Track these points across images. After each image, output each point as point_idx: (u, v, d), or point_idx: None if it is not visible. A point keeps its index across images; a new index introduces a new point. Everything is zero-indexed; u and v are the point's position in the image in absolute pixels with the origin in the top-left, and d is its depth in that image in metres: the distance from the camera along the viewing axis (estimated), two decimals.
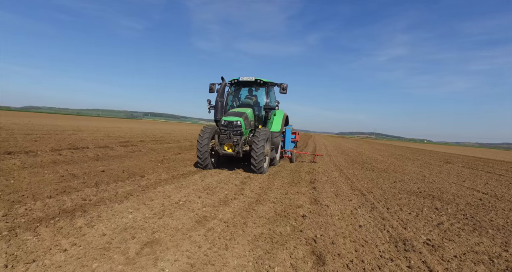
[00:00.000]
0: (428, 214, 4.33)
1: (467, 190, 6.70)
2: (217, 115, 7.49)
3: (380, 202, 4.95)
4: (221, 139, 6.88)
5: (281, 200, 4.62)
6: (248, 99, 8.57)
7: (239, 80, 8.05)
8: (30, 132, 12.75)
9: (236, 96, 8.87)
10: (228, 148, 6.77)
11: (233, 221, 3.43)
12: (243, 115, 6.97)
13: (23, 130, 13.59)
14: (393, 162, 13.12)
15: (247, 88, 8.80)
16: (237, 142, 6.70)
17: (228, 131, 6.79)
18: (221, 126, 6.93)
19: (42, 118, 34.19)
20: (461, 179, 8.76)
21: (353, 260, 2.59)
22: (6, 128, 13.52)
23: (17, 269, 2.06)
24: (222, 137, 6.88)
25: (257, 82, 7.95)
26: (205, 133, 6.82)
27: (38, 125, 18.99)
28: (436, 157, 19.45)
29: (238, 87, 8.73)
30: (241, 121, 6.77)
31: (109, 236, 2.75)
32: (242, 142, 6.75)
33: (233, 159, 8.39)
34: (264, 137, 6.64)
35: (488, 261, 2.79)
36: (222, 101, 7.55)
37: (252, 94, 8.67)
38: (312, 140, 35.66)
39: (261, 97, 8.49)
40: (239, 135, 6.75)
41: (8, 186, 4.14)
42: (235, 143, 6.69)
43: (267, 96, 8.12)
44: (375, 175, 8.28)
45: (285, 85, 7.84)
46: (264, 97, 8.18)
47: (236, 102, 8.76)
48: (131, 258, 2.35)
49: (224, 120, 6.88)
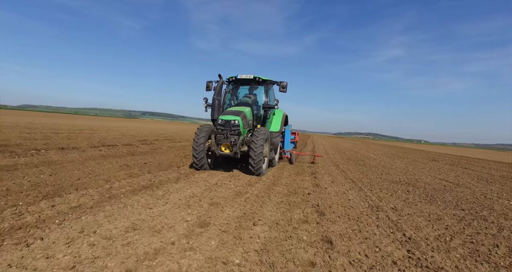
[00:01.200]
0: (400, 194, 5.91)
1: (438, 180, 8.32)
2: (214, 114, 7.18)
3: (366, 187, 6.52)
4: (218, 139, 6.68)
5: (290, 184, 6.16)
6: (247, 97, 8.34)
7: (237, 77, 7.87)
8: (55, 131, 14.14)
9: (234, 94, 8.66)
10: (225, 148, 6.59)
11: (260, 194, 4.97)
12: (241, 114, 6.79)
13: (48, 129, 14.97)
14: (384, 159, 14.76)
15: (245, 87, 8.65)
16: (235, 142, 6.52)
17: (225, 131, 6.61)
18: (218, 125, 6.73)
19: (47, 118, 35.30)
20: (438, 173, 10.39)
21: (342, 214, 4.13)
22: (32, 128, 14.90)
23: (146, 212, 3.58)
24: (219, 137, 6.68)
25: (255, 80, 7.81)
26: (201, 132, 6.69)
27: (54, 124, 20.32)
28: (425, 156, 21.15)
29: (236, 85, 8.56)
30: (239, 120, 6.59)
31: (184, 200, 4.27)
32: (240, 142, 6.57)
33: (231, 160, 8.17)
34: (263, 137, 6.51)
35: (428, 216, 4.36)
36: (219, 100, 7.23)
37: (251, 92, 8.52)
38: (311, 140, 37.27)
39: (260, 96, 8.32)
40: (236, 135, 6.59)
41: (90, 172, 5.63)
42: (233, 143, 6.53)
43: (266, 94, 7.93)
44: (366, 169, 9.87)
45: (285, 83, 7.69)
46: (263, 96, 7.99)
47: (234, 100, 8.57)
48: (207, 208, 3.88)
49: (221, 119, 6.68)
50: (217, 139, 6.70)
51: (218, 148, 6.65)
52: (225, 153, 6.55)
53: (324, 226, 3.53)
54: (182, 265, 2.31)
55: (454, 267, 2.65)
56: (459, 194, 6.33)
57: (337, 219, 3.85)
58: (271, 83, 8.07)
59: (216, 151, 6.59)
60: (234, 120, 6.57)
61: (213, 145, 6.64)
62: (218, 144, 6.67)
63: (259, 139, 6.44)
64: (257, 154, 6.35)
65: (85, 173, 5.51)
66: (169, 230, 3.01)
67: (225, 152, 6.56)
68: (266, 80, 7.88)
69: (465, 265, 2.71)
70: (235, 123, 6.57)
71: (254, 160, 6.40)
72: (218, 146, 6.67)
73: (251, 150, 6.42)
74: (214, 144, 6.64)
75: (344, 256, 2.70)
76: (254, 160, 6.40)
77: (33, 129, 13.93)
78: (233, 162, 8.23)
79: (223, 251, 2.62)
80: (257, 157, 6.37)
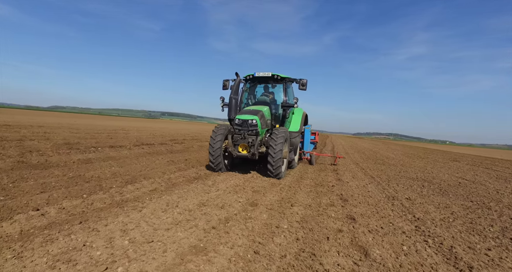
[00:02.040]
0: (415, 188, 6.66)
1: (454, 178, 8.89)
2: (231, 113, 7.03)
3: (384, 181, 7.29)
4: (235, 139, 6.55)
5: (316, 178, 7.07)
6: (265, 96, 8.18)
7: (254, 75, 7.67)
8: (96, 131, 15.76)
9: (252, 93, 8.51)
10: (243, 149, 6.44)
11: (292, 185, 5.92)
12: (259, 113, 6.63)
13: (89, 129, 16.67)
14: (403, 159, 15.23)
15: (263, 85, 8.47)
16: (253, 143, 6.36)
17: (242, 131, 6.48)
18: (235, 125, 6.60)
19: (79, 119, 37.94)
20: (456, 171, 10.87)
21: (362, 201, 5.00)
22: (75, 128, 16.65)
23: (206, 195, 4.63)
24: (236, 137, 6.56)
25: (274, 77, 7.57)
26: (217, 133, 6.54)
27: (89, 125, 22.25)
28: (447, 156, 21.19)
29: (253, 83, 8.38)
30: (257, 119, 6.42)
31: (231, 188, 5.30)
32: (258, 143, 6.41)
33: (248, 161, 8.12)
34: (282, 138, 6.30)
35: (437, 205, 5.13)
36: (236, 99, 7.08)
37: (269, 90, 8.36)
38: (330, 140, 37.66)
39: (279, 94, 8.16)
40: (254, 135, 6.43)
41: (147, 166, 6.81)
42: (250, 144, 6.37)
43: (285, 93, 7.74)
44: (384, 167, 10.55)
45: (305, 80, 7.38)
46: (282, 94, 7.83)
47: (251, 99, 8.43)
48: (251, 194, 4.90)
49: (238, 119, 6.54)
50: (234, 140, 6.57)
51: (235, 149, 6.51)
52: (243, 154, 6.39)
53: (347, 208, 4.43)
54: (248, 226, 3.31)
55: (451, 236, 3.48)
56: (472, 189, 6.97)
57: (358, 204, 4.73)
58: (290, 81, 7.86)
59: (233, 152, 6.45)
60: (252, 120, 6.40)
61: (230, 145, 6.49)
62: (235, 145, 6.53)
63: (278, 140, 6.22)
64: (276, 155, 6.14)
65: (143, 167, 6.69)
66: (229, 207, 4.04)
67: (242, 153, 6.40)
68: (284, 77, 7.65)
69: (460, 236, 3.53)
70: (252, 122, 6.40)
71: (273, 162, 6.18)
72: (235, 147, 6.53)
73: (270, 151, 6.20)
74: (231, 145, 6.49)
75: (364, 227, 3.60)
76: (273, 162, 6.18)
77: (77, 130, 15.62)
78: (250, 163, 8.20)
79: (274, 220, 3.61)
80: (276, 158, 6.16)
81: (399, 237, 3.35)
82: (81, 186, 4.48)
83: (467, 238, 3.45)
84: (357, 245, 2.97)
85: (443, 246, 3.14)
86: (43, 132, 11.37)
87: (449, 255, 2.91)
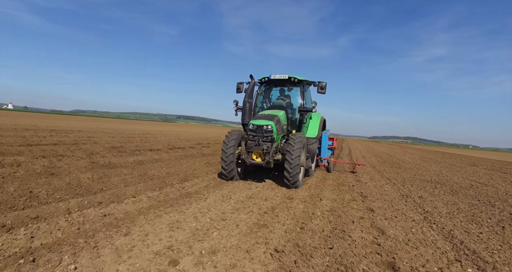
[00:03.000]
0: (428, 189, 7.49)
1: (467, 181, 9.59)
2: (244, 118, 6.73)
3: (399, 183, 8.15)
4: (249, 146, 6.26)
5: (337, 179, 8.03)
6: (281, 100, 7.94)
7: (270, 78, 7.44)
8: (128, 135, 17.28)
9: (267, 96, 8.25)
10: (257, 156, 6.19)
11: (317, 184, 6.93)
12: (275, 119, 6.37)
13: (120, 133, 18.24)
14: (419, 163, 15.83)
15: (279, 88, 8.22)
16: (268, 150, 6.09)
17: (257, 137, 6.19)
18: (249, 131, 6.34)
19: (103, 122, 40.23)
20: (471, 175, 11.48)
21: (379, 198, 5.94)
22: (108, 132, 18.26)
23: (250, 191, 5.72)
24: (250, 143, 6.26)
25: (290, 80, 7.33)
26: (230, 139, 6.26)
27: (115, 129, 23.99)
28: (466, 161, 21.42)
29: (269, 86, 8.12)
30: (272, 125, 6.16)
31: (267, 185, 6.36)
32: (273, 150, 6.13)
33: (262, 169, 7.67)
34: (300, 145, 6.03)
35: (446, 202, 5.99)
36: (250, 103, 6.84)
37: (285, 94, 8.11)
38: (346, 144, 38.12)
39: (295, 98, 7.93)
40: (269, 142, 6.15)
41: (190, 167, 8.00)
42: (265, 151, 6.11)
43: (302, 96, 7.52)
44: (400, 170, 11.33)
45: (324, 83, 7.13)
46: (299, 98, 7.61)
47: (266, 103, 8.16)
48: (286, 190, 5.95)
49: (252, 124, 6.27)
50: (247, 146, 6.28)
51: (249, 156, 6.26)
52: (257, 162, 6.15)
53: (367, 202, 5.40)
54: (290, 212, 4.37)
55: (452, 224, 4.39)
56: (482, 191, 7.72)
57: (376, 200, 5.69)
58: (307, 84, 7.67)
59: (246, 160, 6.18)
60: (267, 125, 6.13)
61: (244, 153, 6.21)
62: (249, 152, 6.28)
63: (295, 147, 5.93)
64: (293, 164, 5.82)
65: (188, 168, 7.88)
66: (271, 199, 5.12)
67: (256, 161, 6.16)
68: (302, 80, 7.43)
69: (460, 224, 4.44)
70: (267, 128, 6.13)
71: (290, 168, 5.86)
72: (249, 154, 6.28)
73: (287, 157, 5.90)
74: (244, 152, 6.21)
75: (381, 216, 4.57)
76: (290, 168, 5.86)
77: (111, 134, 17.19)
78: (264, 172, 7.96)
79: (308, 209, 4.64)
80: (293, 167, 5.84)
81: (409, 223, 4.30)
82: (150, 182, 5.70)
83: (465, 226, 4.36)
84: (375, 227, 3.96)
85: (444, 230, 4.07)
86: (87, 137, 12.87)
87: (447, 235, 3.85)
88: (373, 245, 3.28)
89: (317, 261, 2.77)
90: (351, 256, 2.92)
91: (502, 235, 4.01)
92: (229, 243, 3.04)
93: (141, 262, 2.50)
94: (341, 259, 2.83)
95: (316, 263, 2.74)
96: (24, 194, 4.08)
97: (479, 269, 2.86)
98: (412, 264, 2.84)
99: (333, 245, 3.20)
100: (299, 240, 3.25)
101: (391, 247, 3.24)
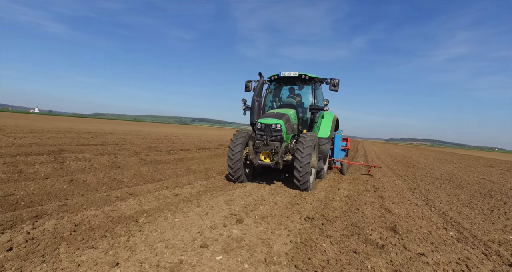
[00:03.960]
0: (436, 184, 8.41)
1: (476, 179, 10.37)
2: (253, 117, 6.63)
3: (410, 179, 9.09)
4: (257, 146, 6.09)
5: (352, 175, 9.07)
6: (291, 98, 7.74)
7: (279, 76, 7.30)
8: (155, 137, 18.83)
9: (277, 95, 8.10)
10: (265, 157, 6.05)
11: (335, 178, 8.02)
12: (284, 117, 6.22)
13: (146, 135, 19.84)
14: (433, 163, 16.50)
15: (289, 86, 8.01)
16: (276, 150, 5.93)
17: (265, 137, 6.03)
18: (257, 130, 6.18)
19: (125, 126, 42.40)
20: (482, 174, 12.18)
21: (390, 190, 6.96)
22: (136, 134, 19.90)
23: (279, 183, 6.89)
24: (258, 143, 6.09)
25: (301, 78, 7.18)
26: (237, 138, 6.27)
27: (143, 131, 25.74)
28: (483, 162, 21.72)
29: (278, 84, 7.98)
30: (282, 124, 6.00)
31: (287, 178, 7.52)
32: (283, 150, 5.99)
33: (272, 170, 7.62)
34: (311, 144, 5.91)
35: (449, 194, 6.94)
36: (259, 101, 6.69)
37: (295, 92, 7.91)
38: (361, 146, 38.63)
39: (306, 96, 7.73)
40: (278, 142, 5.99)
41: (221, 165, 9.26)
42: (274, 152, 5.94)
43: (313, 94, 7.33)
44: (413, 169, 12.19)
45: (337, 80, 6.95)
46: (310, 96, 7.41)
47: (276, 102, 8.01)
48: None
49: (260, 123, 6.13)
50: (255, 147, 6.11)
51: (256, 156, 6.11)
52: (265, 162, 5.99)
53: (378, 192, 6.46)
54: (315, 197, 5.51)
55: (449, 208, 5.39)
56: (487, 186, 8.55)
57: (386, 191, 6.72)
58: (319, 81, 7.50)
59: (254, 161, 6.05)
60: (276, 124, 5.97)
61: (251, 153, 6.10)
62: (257, 152, 6.11)
63: (305, 147, 5.81)
64: (303, 165, 5.70)
65: (220, 164, 9.15)
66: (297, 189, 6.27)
67: (264, 162, 6.01)
68: (313, 77, 7.27)
69: (456, 208, 5.43)
70: (276, 127, 5.97)
71: (300, 172, 5.75)
72: (256, 155, 6.12)
73: (296, 160, 5.78)
74: (252, 152, 6.09)
75: (389, 201, 5.63)
76: (300, 172, 5.75)
77: (140, 136, 18.77)
78: (273, 173, 8.02)
79: (329, 195, 5.76)
80: (304, 168, 5.72)
81: (412, 206, 5.34)
82: (195, 174, 6.99)
83: (459, 209, 5.36)
84: (384, 208, 5.03)
85: (440, 211, 5.10)
86: (121, 138, 14.35)
87: (442, 214, 4.88)
88: (381, 218, 4.38)
89: (338, 224, 3.91)
90: (363, 222, 4.04)
91: (488, 216, 4.99)
92: (273, 212, 4.23)
93: (217, 220, 3.72)
94: (356, 224, 3.95)
95: (337, 224, 3.88)
96: (110, 179, 5.44)
97: (458, 232, 3.91)
98: (409, 228, 3.93)
99: (349, 216, 4.33)
100: (324, 213, 4.40)
101: (394, 219, 4.33)
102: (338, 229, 3.73)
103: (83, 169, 6.04)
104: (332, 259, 2.81)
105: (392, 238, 3.49)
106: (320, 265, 2.67)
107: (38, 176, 5.03)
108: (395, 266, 2.74)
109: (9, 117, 29.59)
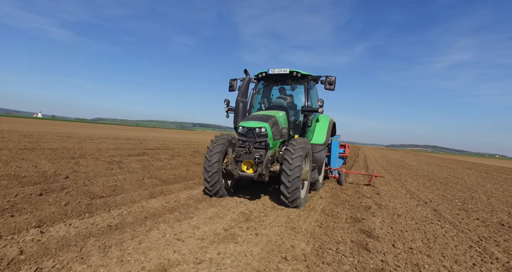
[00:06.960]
0: (414, 178, 12.18)
1: (447, 176, 14.12)
2: (237, 120, 5.97)
3: (397, 175, 12.84)
4: (238, 154, 5.35)
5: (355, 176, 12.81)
6: (281, 99, 7.09)
7: (268, 73, 6.66)
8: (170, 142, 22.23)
9: (266, 95, 7.42)
10: (248, 167, 5.31)
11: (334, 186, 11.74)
12: (271, 120, 5.48)
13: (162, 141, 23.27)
14: (422, 166, 20.30)
15: (279, 86, 7.31)
16: (261, 159, 5.17)
17: (247, 143, 5.27)
18: (238, 135, 5.51)
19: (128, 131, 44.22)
20: (454, 173, 15.94)
21: (380, 180, 10.67)
22: (155, 139, 23.28)
23: None
24: (238, 150, 5.36)
25: (292, 75, 6.54)
26: (215, 146, 5.47)
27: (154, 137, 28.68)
28: (464, 166, 25.53)
29: (267, 83, 7.28)
30: (267, 127, 5.27)
31: None
32: (269, 159, 5.22)
33: (257, 183, 6.60)
34: (301, 153, 5.14)
35: (419, 183, 10.68)
36: (244, 102, 6.09)
37: (286, 93, 7.22)
38: (362, 151, 42.37)
39: (299, 97, 7.08)
40: (263, 149, 5.27)
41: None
42: (258, 161, 5.19)
43: (306, 94, 6.68)
44: (402, 170, 15.98)
45: (333, 78, 6.35)
46: (303, 96, 6.75)
47: (264, 103, 7.33)
48: None
49: (242, 127, 5.43)
50: (236, 155, 5.38)
51: (237, 166, 5.37)
52: (247, 174, 5.26)
53: (373, 185, 10.15)
54: (323, 200, 9.19)
55: (414, 188, 9.14)
56: (450, 180, 12.31)
57: (378, 180, 10.41)
58: (313, 79, 6.86)
59: (233, 171, 5.26)
60: (260, 128, 5.27)
61: (231, 162, 5.32)
62: (238, 162, 5.38)
63: (295, 157, 5.07)
64: (292, 179, 4.99)
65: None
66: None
67: (247, 173, 5.27)
68: (306, 75, 6.62)
69: (417, 188, 9.18)
70: (261, 132, 5.27)
71: (288, 188, 5.04)
72: (237, 164, 5.38)
73: (284, 173, 5.07)
74: (232, 162, 5.32)
75: (378, 185, 9.32)
76: (288, 188, 5.04)
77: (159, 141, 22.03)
78: (260, 185, 7.20)
79: (334, 199, 9.45)
80: (292, 183, 5.00)
81: (393, 187, 9.05)
82: None
83: (419, 188, 9.12)
84: (373, 186, 8.72)
85: (407, 189, 8.82)
86: (139, 143, 16.28)
87: (408, 190, 8.62)
88: (372, 190, 8.06)
89: (344, 205, 7.61)
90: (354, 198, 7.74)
91: (436, 192, 8.75)
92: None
93: None
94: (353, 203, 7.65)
95: (343, 206, 7.58)
96: (186, 175, 9.05)
97: (411, 195, 7.68)
98: (386, 193, 7.64)
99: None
100: (336, 199, 8.08)
101: (379, 191, 8.02)
102: (344, 208, 7.42)
103: (162, 166, 9.67)
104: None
105: (377, 196, 7.25)
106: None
107: (130, 170, 8.65)
108: (376, 202, 6.45)
109: (34, 123, 30.02)
